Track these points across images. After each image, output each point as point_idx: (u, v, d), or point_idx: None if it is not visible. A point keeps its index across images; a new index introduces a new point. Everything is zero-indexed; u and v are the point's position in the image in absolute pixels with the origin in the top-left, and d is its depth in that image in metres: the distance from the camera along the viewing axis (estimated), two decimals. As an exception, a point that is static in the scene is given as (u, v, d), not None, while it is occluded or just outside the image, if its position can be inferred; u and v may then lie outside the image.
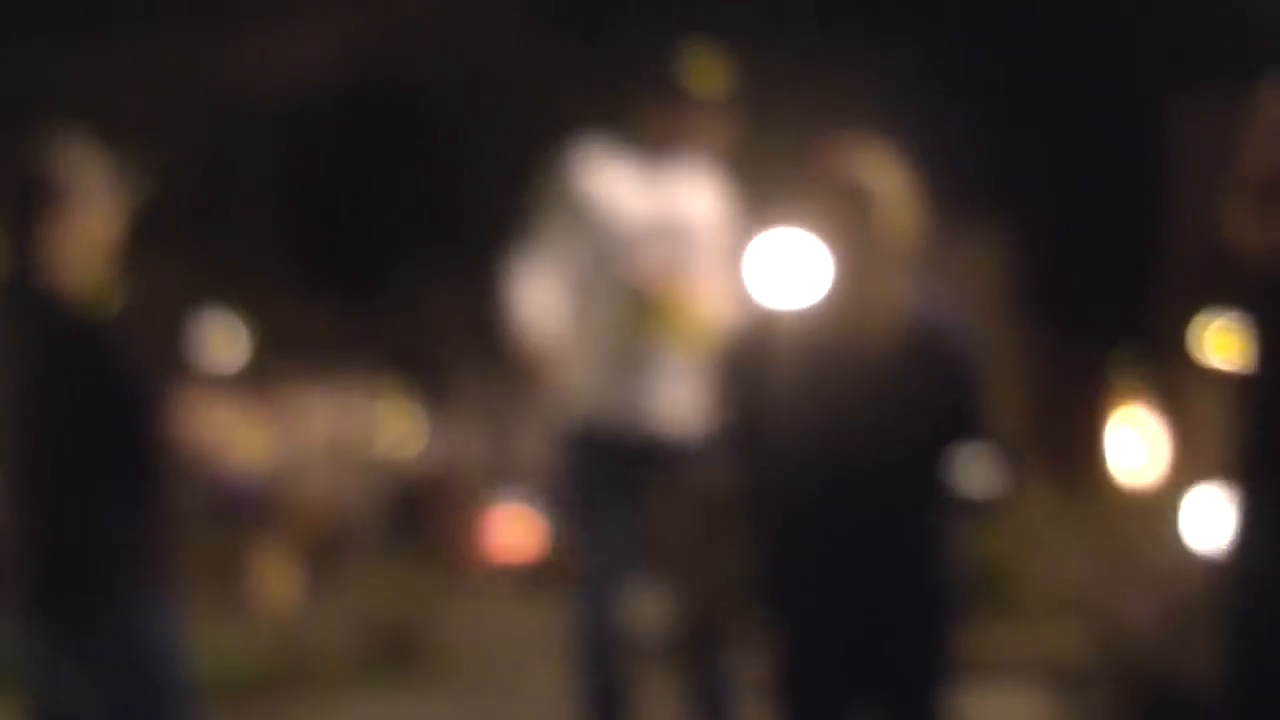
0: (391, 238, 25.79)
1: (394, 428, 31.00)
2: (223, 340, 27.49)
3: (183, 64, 21.70)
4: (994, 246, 28.47)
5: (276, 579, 18.13)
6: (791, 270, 5.32)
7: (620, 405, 6.10)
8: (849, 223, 5.00)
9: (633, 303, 6.10)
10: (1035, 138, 24.89)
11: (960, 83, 23.08)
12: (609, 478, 6.07)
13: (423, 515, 25.85)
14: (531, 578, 21.83)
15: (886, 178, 5.02)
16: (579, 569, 6.13)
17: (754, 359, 5.19)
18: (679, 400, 6.11)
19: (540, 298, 6.08)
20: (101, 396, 4.41)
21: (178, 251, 22.24)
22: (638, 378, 6.11)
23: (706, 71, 6.15)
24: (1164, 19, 21.86)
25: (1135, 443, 24.58)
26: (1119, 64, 23.65)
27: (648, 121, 6.18)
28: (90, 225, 4.51)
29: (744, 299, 6.28)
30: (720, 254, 6.31)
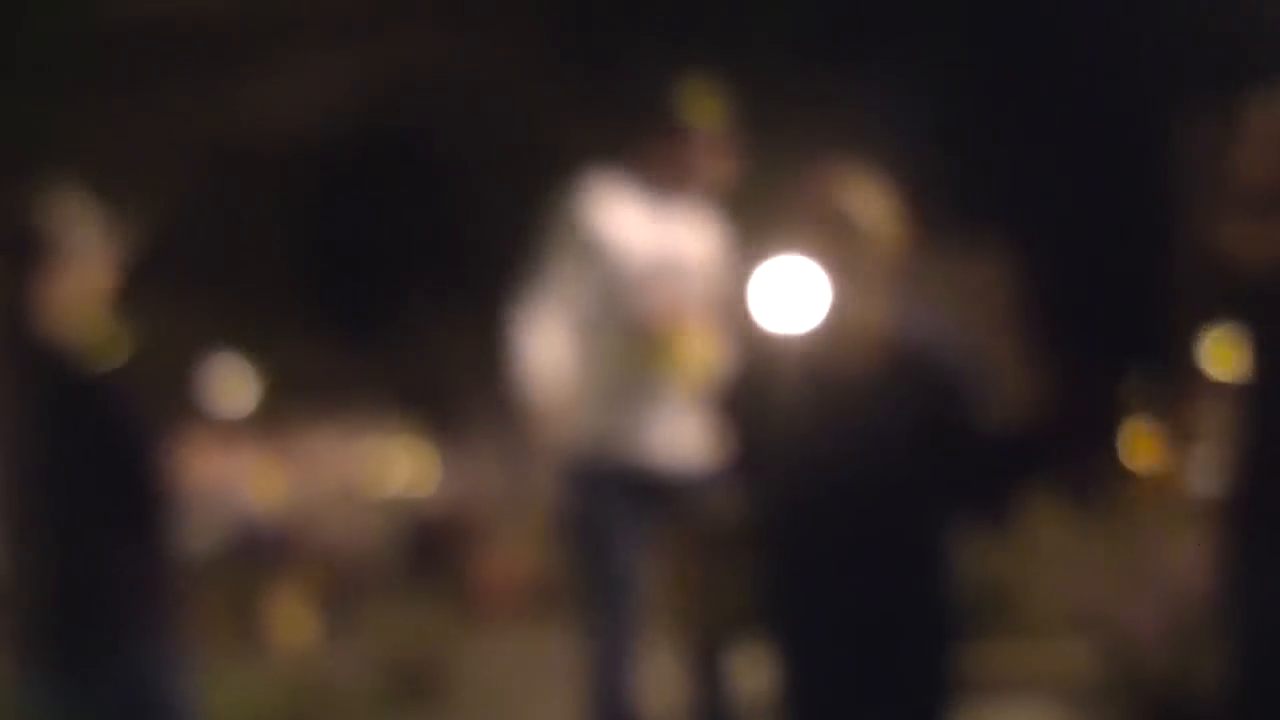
0: (399, 276, 25.82)
1: (406, 466, 30.99)
2: (233, 384, 27.54)
3: (186, 108, 21.77)
4: (1002, 263, 28.47)
5: (293, 619, 18.14)
6: (793, 297, 5.40)
7: (625, 440, 6.15)
8: (833, 249, 5.09)
9: (639, 340, 6.15)
10: (1041, 155, 24.91)
11: (964, 102, 23.12)
12: (615, 513, 6.11)
13: (438, 553, 25.81)
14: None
15: (870, 204, 5.10)
16: (588, 604, 6.17)
17: (754, 387, 5.25)
18: (683, 435, 6.16)
19: (546, 346, 6.12)
20: (100, 446, 4.45)
21: (186, 296, 22.30)
22: (642, 413, 6.15)
23: (706, 106, 6.20)
24: (1169, 34, 21.89)
25: (1144, 457, 24.56)
26: (1124, 80, 23.67)
27: (649, 157, 6.23)
28: (83, 277, 4.56)
29: (747, 327, 6.33)
30: (720, 289, 6.36)
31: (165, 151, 21.44)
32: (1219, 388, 4.85)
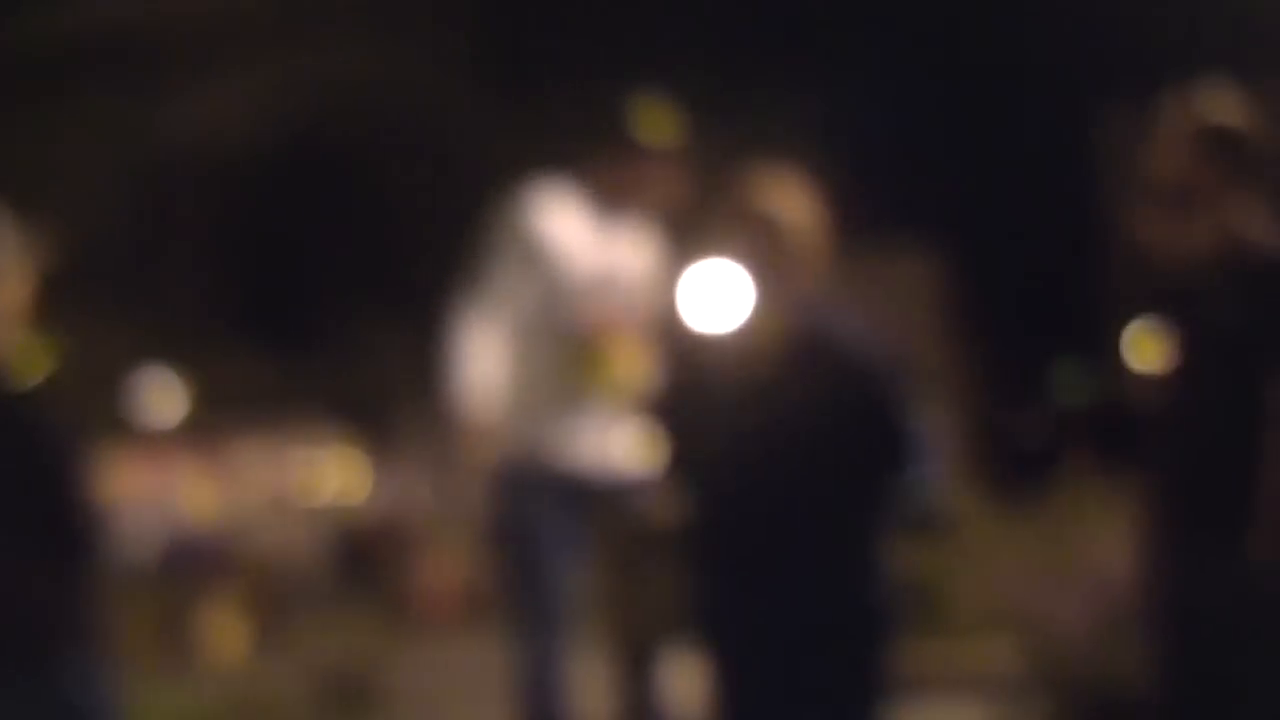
0: (329, 286, 25.77)
1: (338, 475, 30.91)
2: (162, 396, 27.43)
3: (113, 122, 21.70)
4: (929, 263, 28.61)
5: (226, 633, 18.08)
6: (720, 300, 5.43)
7: (556, 447, 6.17)
8: (755, 250, 5.13)
9: (573, 349, 6.17)
10: (968, 155, 25.05)
11: (891, 105, 23.23)
12: (545, 518, 6.13)
13: (371, 562, 25.76)
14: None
15: (794, 206, 5.14)
16: (518, 609, 6.18)
17: (682, 390, 5.29)
18: (613, 442, 6.19)
19: (481, 354, 6.13)
20: (23, 462, 4.44)
21: (113, 309, 22.21)
22: (574, 420, 6.18)
23: (660, 124, 6.20)
24: (1092, 32, 22.04)
25: (1071, 452, 24.70)
26: (1048, 80, 23.82)
27: (599, 172, 6.22)
28: (3, 293, 4.54)
29: (677, 332, 6.36)
30: (656, 304, 6.38)
31: (90, 165, 21.35)
32: (1143, 380, 4.91)
